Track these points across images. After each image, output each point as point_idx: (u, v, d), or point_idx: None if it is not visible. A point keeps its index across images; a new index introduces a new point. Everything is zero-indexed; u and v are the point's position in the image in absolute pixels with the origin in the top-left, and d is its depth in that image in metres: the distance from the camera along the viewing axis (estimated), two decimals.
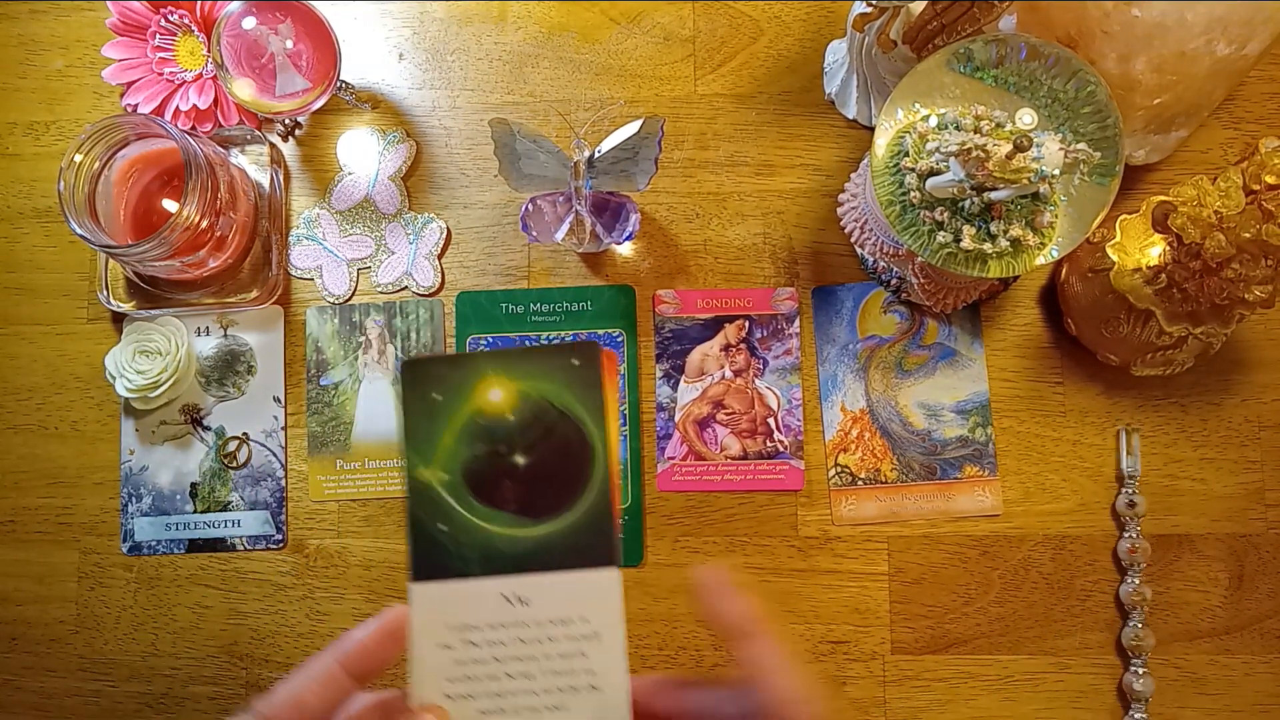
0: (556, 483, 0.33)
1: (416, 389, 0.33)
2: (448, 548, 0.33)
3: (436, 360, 0.34)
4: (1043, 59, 0.45)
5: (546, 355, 0.33)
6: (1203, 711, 0.53)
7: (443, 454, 0.33)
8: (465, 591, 0.32)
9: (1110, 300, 0.51)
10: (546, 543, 0.32)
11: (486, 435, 0.33)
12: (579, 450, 0.33)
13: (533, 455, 0.33)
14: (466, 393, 0.33)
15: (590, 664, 0.32)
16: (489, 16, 0.60)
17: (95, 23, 0.61)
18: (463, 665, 0.32)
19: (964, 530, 0.55)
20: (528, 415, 0.33)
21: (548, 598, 0.32)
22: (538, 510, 0.33)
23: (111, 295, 0.57)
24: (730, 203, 0.58)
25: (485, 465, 0.33)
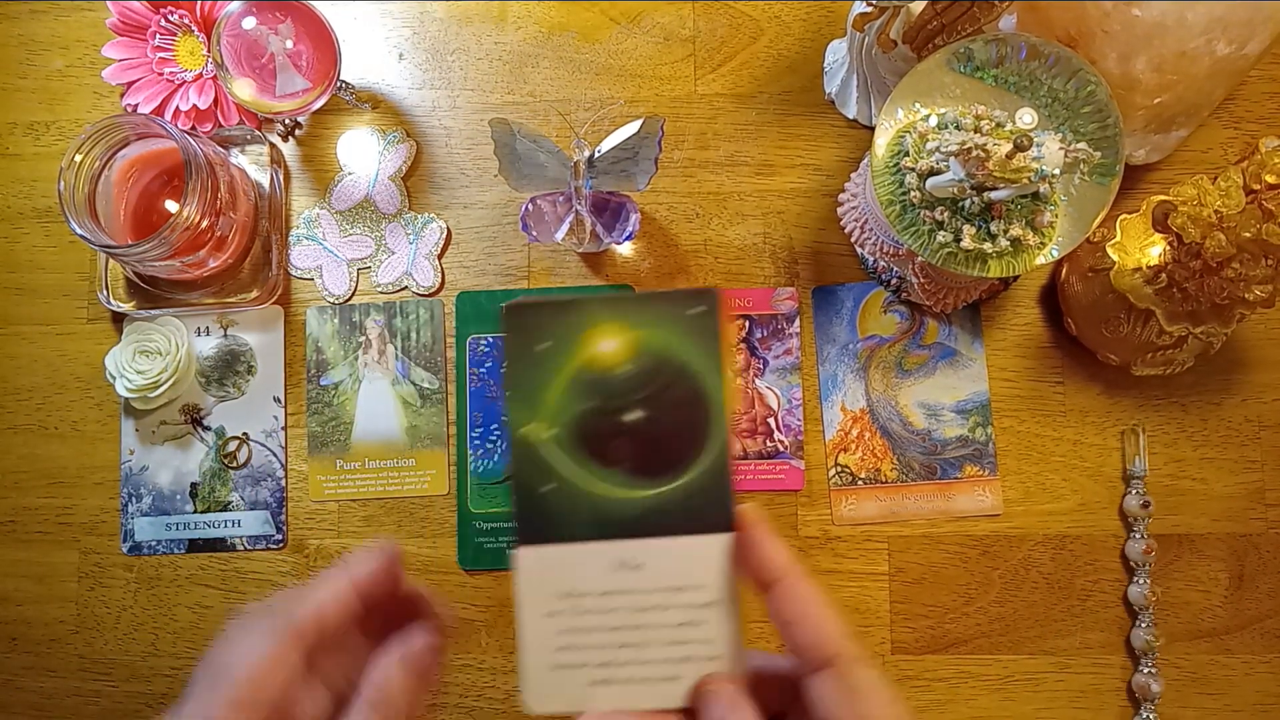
0: (673, 441, 0.31)
1: (520, 337, 0.31)
2: (554, 509, 0.31)
3: (543, 306, 0.31)
4: (1043, 59, 0.45)
5: (663, 302, 0.31)
6: (1203, 711, 0.53)
7: (549, 409, 0.31)
8: (574, 556, 0.31)
9: (1110, 300, 0.51)
10: (661, 505, 0.30)
11: (597, 389, 0.31)
12: (698, 406, 0.30)
13: (648, 411, 0.31)
14: (575, 342, 0.31)
15: (706, 633, 0.30)
16: (489, 16, 0.60)
17: (95, 23, 0.61)
18: (571, 634, 0.31)
19: (964, 530, 0.55)
20: (643, 368, 0.31)
21: (662, 563, 0.30)
22: (652, 471, 0.31)
23: (111, 295, 0.57)
24: (730, 203, 0.58)
25: (595, 421, 0.31)
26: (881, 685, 0.28)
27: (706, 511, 0.30)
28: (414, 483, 0.57)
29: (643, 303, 0.31)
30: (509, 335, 0.31)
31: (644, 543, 0.30)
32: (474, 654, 0.55)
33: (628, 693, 0.30)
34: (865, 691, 0.27)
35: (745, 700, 0.29)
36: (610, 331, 0.31)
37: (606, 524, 0.31)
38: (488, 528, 0.56)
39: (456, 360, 0.57)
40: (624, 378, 0.31)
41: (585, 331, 0.31)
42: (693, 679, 0.30)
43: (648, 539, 0.30)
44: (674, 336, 0.31)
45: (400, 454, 0.57)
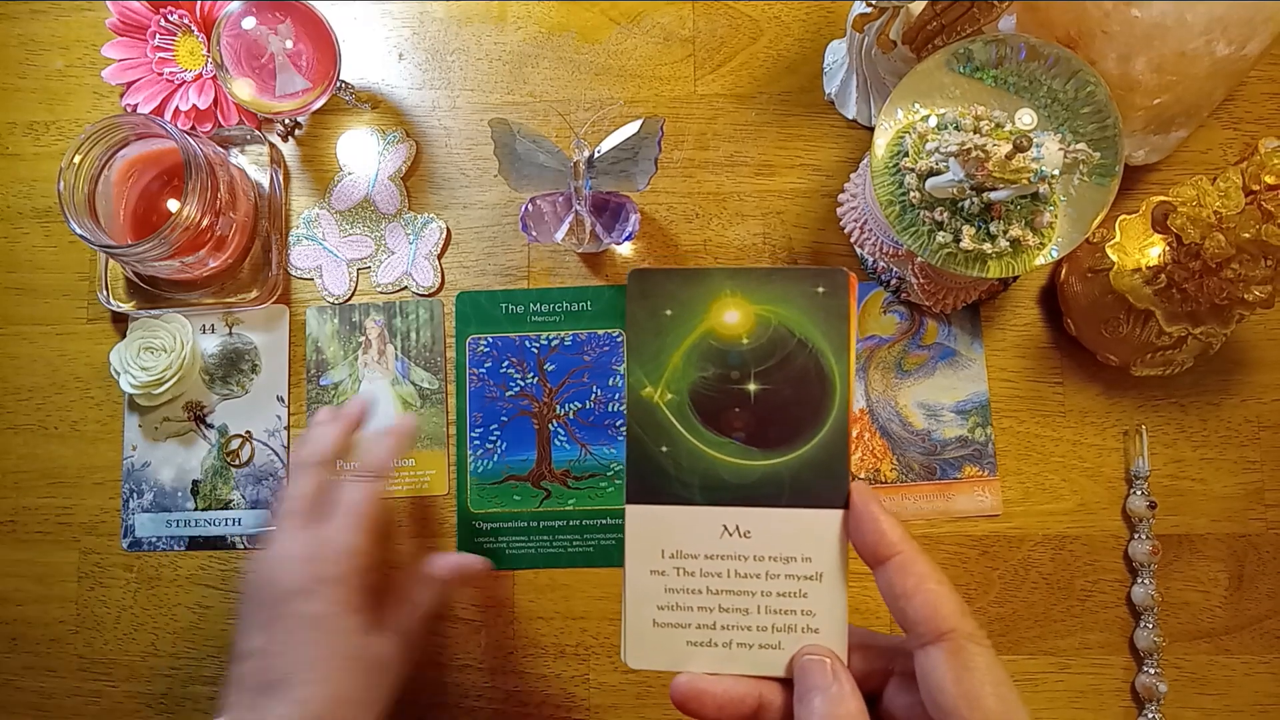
0: (790, 415, 0.31)
1: (645, 303, 0.32)
2: (668, 471, 0.31)
3: (669, 273, 0.32)
4: (1042, 59, 0.45)
5: (790, 279, 0.31)
6: (1203, 711, 0.53)
7: (670, 374, 0.31)
8: (683, 518, 0.31)
9: (1110, 300, 0.51)
10: (774, 476, 0.31)
11: (719, 358, 0.31)
12: (817, 383, 0.31)
13: (767, 384, 0.31)
14: (700, 311, 0.31)
15: (810, 604, 0.31)
16: (489, 16, 0.60)
17: (95, 23, 0.61)
18: (674, 594, 0.31)
19: (964, 530, 0.55)
20: (765, 341, 0.31)
21: (771, 533, 0.31)
22: (768, 442, 0.31)
23: (111, 295, 0.58)
24: (730, 203, 0.58)
25: (715, 390, 0.31)
26: (995, 666, 0.27)
27: (819, 486, 0.31)
28: (414, 483, 0.57)
29: (770, 278, 0.31)
30: (633, 301, 0.32)
31: (754, 511, 0.31)
32: (473, 654, 0.55)
33: (727, 656, 0.31)
34: (978, 669, 0.27)
35: (845, 672, 0.29)
36: (735, 304, 0.31)
37: (718, 490, 0.31)
38: (487, 528, 0.56)
39: (456, 360, 0.58)
40: (746, 349, 0.31)
41: (710, 302, 0.31)
42: (793, 648, 0.31)
43: (758, 508, 0.31)
44: (798, 313, 0.31)
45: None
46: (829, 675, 0.29)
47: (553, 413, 0.57)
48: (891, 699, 0.31)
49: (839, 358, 0.31)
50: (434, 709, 0.55)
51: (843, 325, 0.31)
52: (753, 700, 0.30)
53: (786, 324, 0.31)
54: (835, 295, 0.31)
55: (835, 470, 0.31)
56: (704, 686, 0.30)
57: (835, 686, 0.29)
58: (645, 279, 0.32)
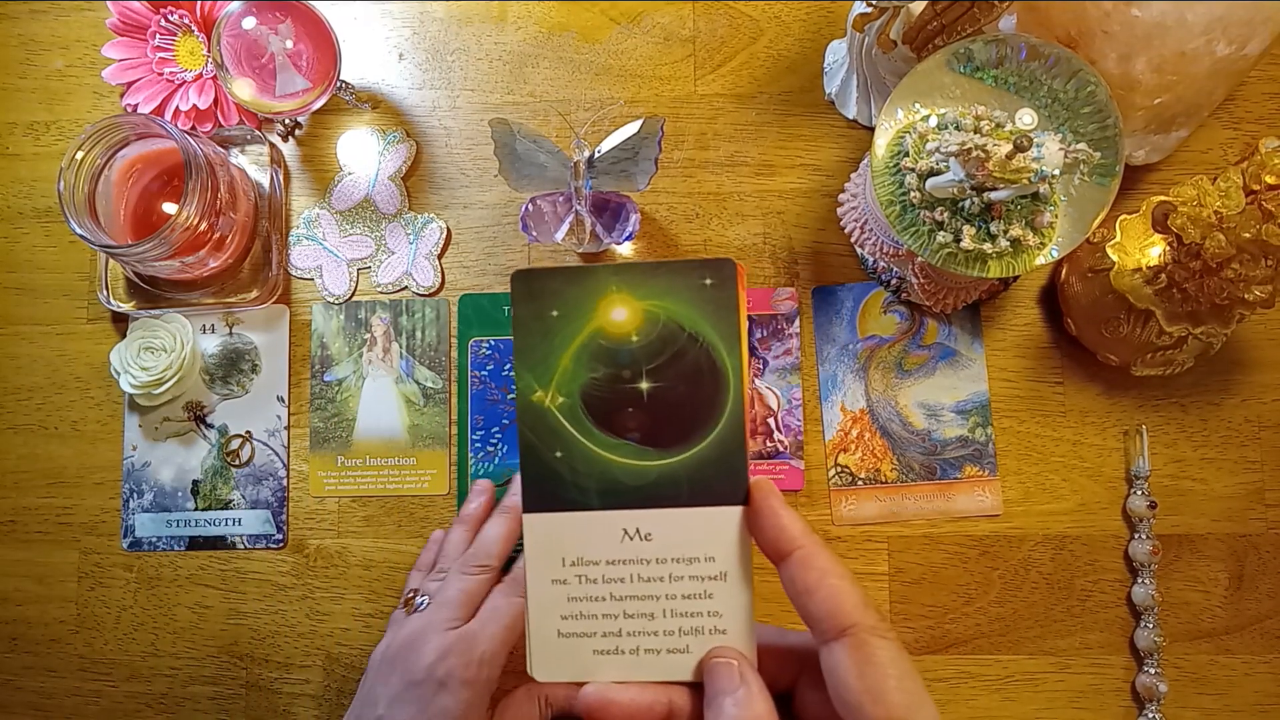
0: (685, 412, 0.30)
1: (531, 304, 0.31)
2: (564, 477, 0.31)
3: (553, 273, 0.31)
4: (1043, 59, 0.45)
5: (676, 272, 0.30)
6: (1203, 711, 0.53)
7: (560, 376, 0.31)
8: (582, 524, 0.31)
9: (1110, 300, 0.51)
10: (672, 476, 0.30)
11: (609, 358, 0.31)
12: (710, 378, 0.30)
13: (659, 381, 0.30)
14: (587, 310, 0.31)
15: (716, 605, 0.30)
16: (489, 16, 0.60)
17: (95, 23, 0.61)
18: (578, 602, 0.31)
19: (964, 530, 0.55)
20: (655, 338, 0.30)
21: (672, 534, 0.30)
22: (663, 441, 0.30)
23: (111, 295, 0.57)
24: (730, 203, 0.58)
25: (607, 390, 0.31)
26: (898, 658, 0.27)
27: (718, 483, 0.30)
28: (414, 482, 0.57)
29: (656, 272, 0.31)
30: (518, 303, 0.31)
31: (654, 513, 0.30)
32: None
33: (634, 664, 0.30)
34: (881, 663, 0.27)
35: (753, 673, 0.29)
36: (622, 301, 0.31)
37: (616, 493, 0.31)
38: None
39: (459, 363, 0.58)
40: (635, 347, 0.31)
41: (597, 300, 0.31)
42: (701, 651, 0.30)
43: (658, 509, 0.30)
44: (687, 307, 0.30)
45: (401, 453, 0.57)
46: (737, 678, 0.29)
47: None
48: (803, 697, 0.31)
49: (731, 350, 0.30)
50: None
51: (733, 317, 0.30)
52: (662, 707, 0.29)
53: (676, 319, 0.30)
54: (724, 286, 0.30)
55: (734, 466, 0.30)
56: (612, 696, 0.29)
57: (743, 689, 0.28)
58: (529, 279, 0.31)
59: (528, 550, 0.31)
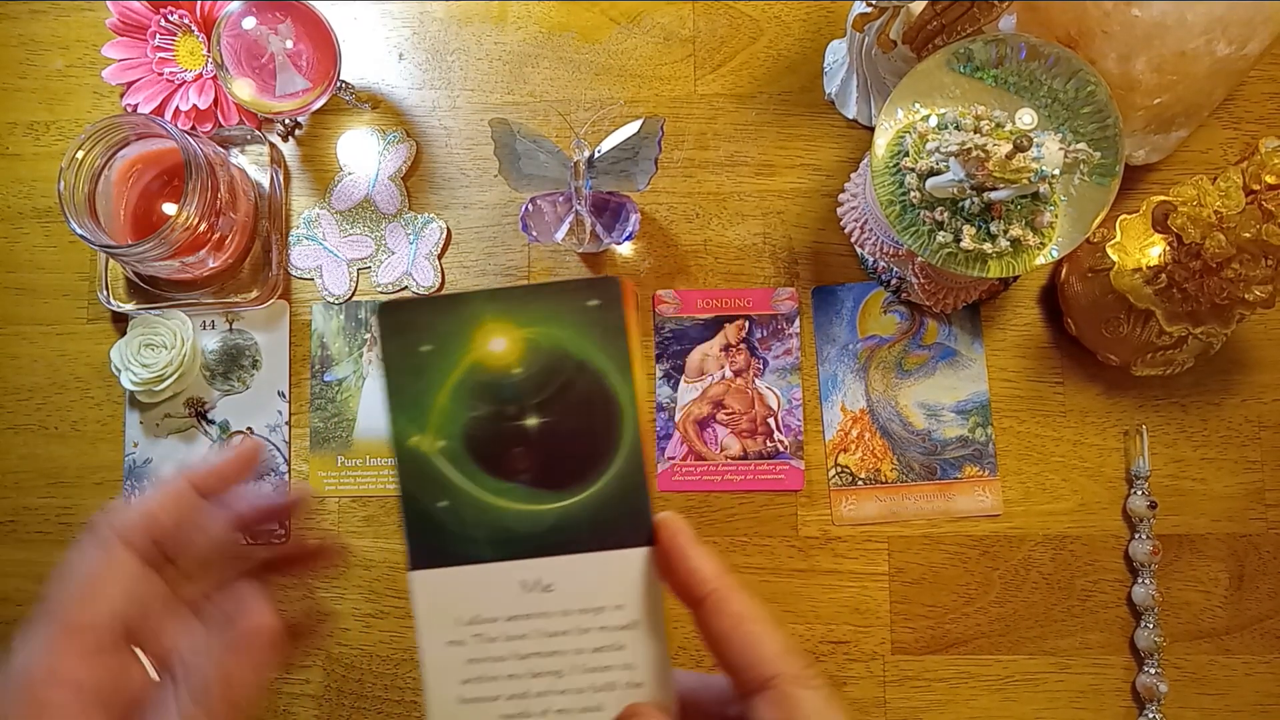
0: (578, 448, 0.28)
1: (399, 339, 0.28)
2: (450, 528, 0.28)
3: (421, 303, 0.28)
4: (1043, 59, 0.44)
5: (557, 294, 0.28)
6: (1203, 711, 0.53)
7: (438, 417, 0.28)
8: (475, 579, 0.28)
9: (1110, 300, 0.51)
10: (569, 519, 0.28)
11: (490, 393, 0.28)
12: (603, 408, 0.28)
13: (547, 416, 0.28)
14: (462, 342, 0.28)
15: (629, 657, 0.28)
16: (489, 16, 0.60)
17: (95, 23, 0.61)
18: (478, 664, 0.28)
19: (964, 530, 0.55)
20: (539, 368, 0.28)
21: (575, 583, 0.28)
22: (557, 481, 0.28)
23: (111, 295, 0.57)
24: (730, 203, 0.58)
25: (490, 429, 0.28)
26: (826, 709, 0.25)
27: (620, 524, 0.28)
28: None
29: (534, 296, 0.28)
30: (386, 338, 0.28)
31: (553, 561, 0.28)
32: None
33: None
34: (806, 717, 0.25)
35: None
36: (500, 329, 0.28)
37: (509, 542, 0.28)
38: None
39: None
40: (519, 379, 0.28)
41: (472, 330, 0.28)
42: (617, 708, 0.27)
43: (557, 556, 0.28)
44: (572, 332, 0.28)
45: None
46: None
47: None
48: None
49: (624, 376, 0.28)
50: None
51: (622, 340, 0.28)
52: None
53: (561, 345, 0.28)
54: (610, 307, 0.28)
55: (636, 503, 0.28)
56: None
57: None
58: (395, 312, 0.28)
59: (418, 612, 0.28)
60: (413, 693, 0.56)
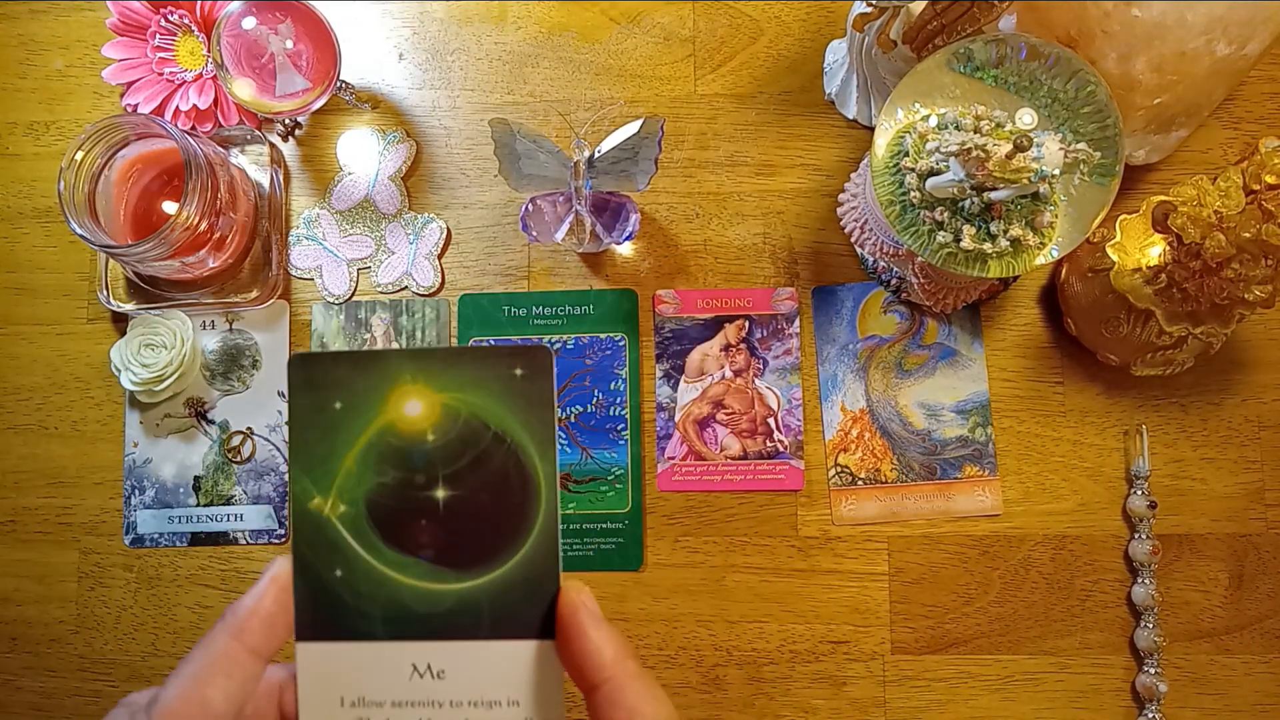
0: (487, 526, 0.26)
1: (310, 394, 0.26)
2: (344, 600, 0.26)
3: (337, 357, 0.26)
4: (1043, 59, 0.45)
5: (483, 360, 0.26)
6: (1203, 711, 0.53)
7: (343, 480, 0.26)
8: (364, 656, 0.26)
9: (1110, 300, 0.51)
10: (470, 602, 0.26)
11: (400, 459, 0.26)
12: (519, 485, 0.26)
13: (458, 489, 0.26)
14: (376, 403, 0.26)
15: None
16: (489, 16, 0.60)
17: (95, 23, 0.61)
18: None
19: (964, 530, 0.55)
20: (454, 436, 0.26)
21: (470, 672, 0.26)
22: (462, 560, 0.26)
23: (111, 295, 0.57)
24: (730, 203, 0.58)
25: (396, 498, 0.26)
26: None
27: (524, 612, 0.26)
28: None
29: (457, 359, 0.26)
30: (296, 392, 0.26)
31: (448, 646, 0.26)
32: None
33: None
34: None
35: None
36: (417, 392, 0.26)
37: (404, 621, 0.26)
38: None
39: None
40: (431, 447, 0.26)
41: (388, 391, 0.26)
42: None
43: (453, 641, 0.26)
44: (493, 401, 0.26)
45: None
46: None
47: None
48: None
49: (544, 454, 0.26)
50: None
51: (547, 414, 0.26)
52: None
53: (479, 414, 0.26)
54: (537, 378, 0.26)
55: (544, 592, 0.26)
56: None
57: None
58: (309, 365, 0.26)
59: (301, 685, 0.26)
60: None
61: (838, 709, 0.54)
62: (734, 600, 0.55)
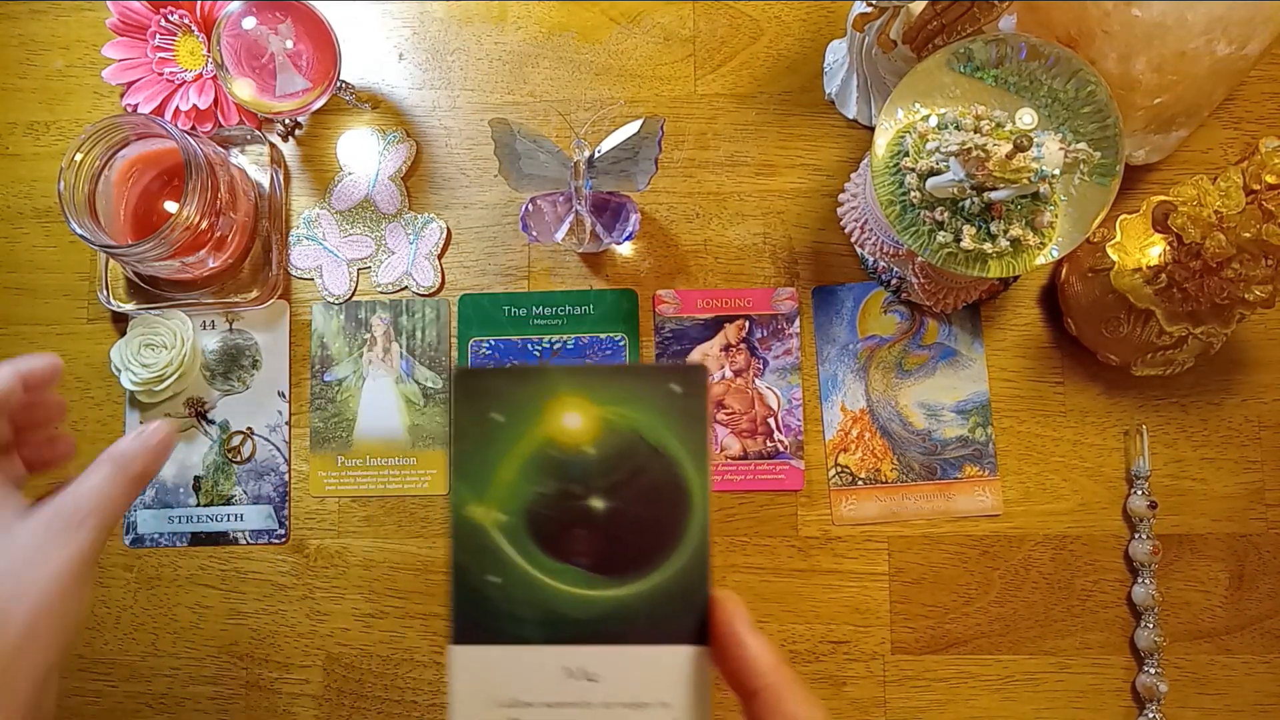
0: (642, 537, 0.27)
1: (472, 406, 0.27)
2: (500, 606, 0.27)
3: (499, 373, 0.28)
4: (1043, 59, 0.45)
5: (641, 376, 0.27)
6: (1203, 711, 0.53)
7: (501, 489, 0.27)
8: (519, 660, 0.27)
9: (1110, 300, 0.51)
10: (624, 609, 0.27)
11: (558, 470, 0.27)
12: (673, 498, 0.27)
13: (615, 500, 0.27)
14: (536, 415, 0.27)
15: None
16: (489, 16, 0.60)
17: (95, 23, 0.61)
18: None
19: (964, 530, 0.55)
20: (612, 450, 0.27)
21: (621, 675, 0.27)
22: (616, 568, 0.27)
23: (111, 295, 0.57)
24: (730, 203, 0.58)
25: (554, 508, 0.27)
26: None
27: (676, 619, 0.27)
28: (415, 482, 0.57)
29: (615, 375, 0.28)
30: (459, 404, 0.27)
31: (602, 650, 0.27)
32: None
33: None
34: None
35: None
36: (577, 406, 0.27)
37: (559, 626, 0.27)
38: None
39: (459, 362, 0.58)
40: (589, 460, 0.27)
41: (547, 403, 0.27)
42: None
43: (606, 646, 0.27)
44: (651, 416, 0.27)
45: (402, 452, 0.57)
46: None
47: None
48: None
49: (699, 468, 0.27)
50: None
51: (702, 430, 0.27)
52: None
53: (638, 429, 0.27)
54: (694, 396, 0.27)
55: (695, 600, 0.27)
56: None
57: None
58: (471, 379, 0.28)
59: (454, 687, 0.27)
60: (412, 692, 0.56)
61: (838, 709, 0.54)
62: None
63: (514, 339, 0.58)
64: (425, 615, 0.56)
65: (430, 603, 0.56)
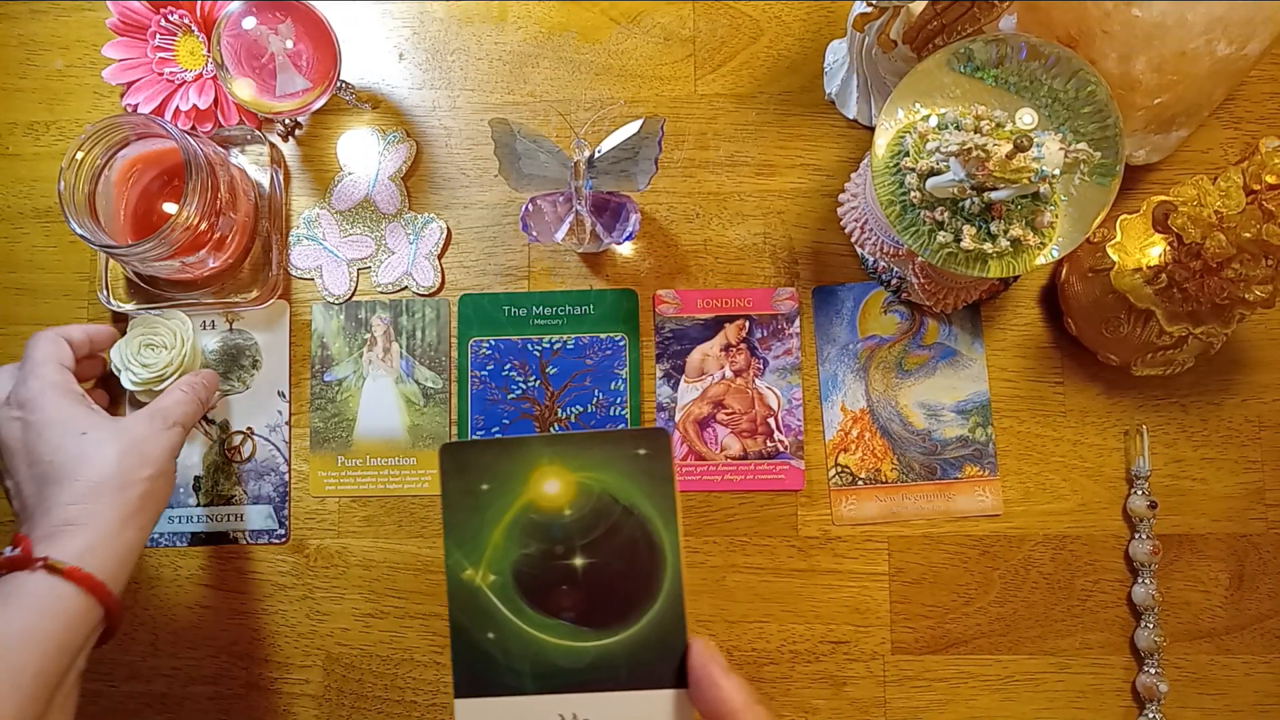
0: (621, 590, 0.29)
1: (460, 478, 0.30)
2: (497, 659, 0.29)
3: (482, 445, 0.30)
4: (1043, 59, 0.45)
5: (609, 442, 0.30)
6: (1203, 711, 0.53)
7: (491, 553, 0.30)
8: (516, 710, 0.29)
9: (1110, 300, 0.51)
10: (609, 657, 0.29)
11: (541, 532, 0.30)
12: (647, 553, 0.29)
13: (594, 557, 0.30)
14: (518, 483, 0.30)
15: None
16: (489, 16, 0.60)
17: (95, 23, 0.61)
18: None
19: (964, 530, 0.55)
20: (589, 511, 0.30)
21: (610, 718, 0.29)
22: (599, 620, 0.29)
23: (111, 295, 0.57)
24: (730, 203, 0.58)
25: (539, 567, 0.30)
26: None
27: (657, 665, 0.29)
28: (414, 482, 0.57)
29: (588, 443, 0.30)
30: (447, 476, 0.30)
31: (591, 696, 0.29)
32: None
33: None
34: None
35: None
36: (554, 473, 0.30)
37: (551, 676, 0.29)
38: None
39: (459, 362, 0.58)
40: (569, 521, 0.30)
41: (528, 472, 0.30)
42: None
43: (595, 692, 0.29)
44: (621, 479, 0.30)
45: (402, 452, 0.57)
46: None
47: (554, 416, 0.57)
48: None
49: (668, 524, 0.29)
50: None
51: (668, 488, 0.30)
52: None
53: (610, 491, 0.30)
54: (658, 457, 0.30)
55: (673, 645, 0.29)
56: None
57: None
58: (458, 452, 0.30)
59: None
60: (412, 692, 0.56)
61: (838, 709, 0.54)
62: (734, 600, 0.55)
63: (514, 339, 0.58)
64: (425, 615, 0.56)
65: (430, 603, 0.56)
